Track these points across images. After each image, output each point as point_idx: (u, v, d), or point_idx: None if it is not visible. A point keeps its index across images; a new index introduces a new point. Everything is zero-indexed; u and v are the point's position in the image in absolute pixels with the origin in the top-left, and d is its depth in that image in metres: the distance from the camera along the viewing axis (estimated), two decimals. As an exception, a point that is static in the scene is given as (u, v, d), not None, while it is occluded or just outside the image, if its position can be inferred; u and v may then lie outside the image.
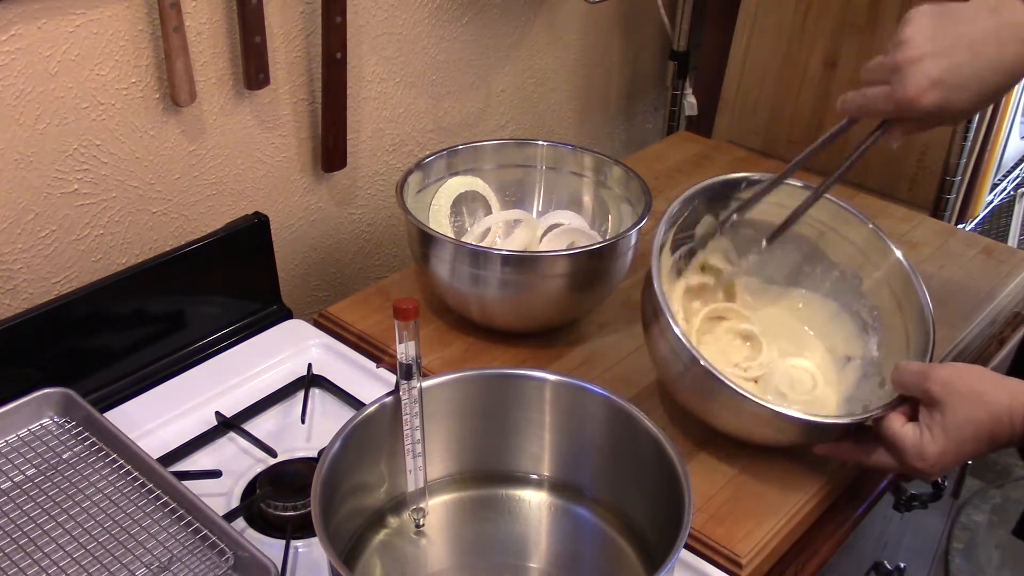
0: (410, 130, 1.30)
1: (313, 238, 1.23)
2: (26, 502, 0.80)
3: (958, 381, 0.78)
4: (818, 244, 1.00)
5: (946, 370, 0.79)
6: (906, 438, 0.80)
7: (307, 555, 0.82)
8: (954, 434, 0.78)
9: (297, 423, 0.96)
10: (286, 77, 1.11)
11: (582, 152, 1.15)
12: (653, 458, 0.77)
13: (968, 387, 0.78)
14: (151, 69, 0.98)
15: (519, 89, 1.44)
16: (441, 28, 1.27)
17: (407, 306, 0.73)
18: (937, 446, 0.79)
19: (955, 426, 0.78)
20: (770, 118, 1.60)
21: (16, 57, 0.88)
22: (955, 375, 0.79)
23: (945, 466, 0.80)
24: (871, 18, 1.45)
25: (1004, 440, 0.76)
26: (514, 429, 0.84)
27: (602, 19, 1.54)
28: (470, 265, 0.98)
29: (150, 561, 0.75)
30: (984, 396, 0.77)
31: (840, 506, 0.93)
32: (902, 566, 1.13)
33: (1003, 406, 0.76)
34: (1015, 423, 0.75)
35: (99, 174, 0.98)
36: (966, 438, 0.77)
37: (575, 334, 1.07)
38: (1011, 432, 0.75)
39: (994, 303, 1.14)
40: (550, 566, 0.81)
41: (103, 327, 0.96)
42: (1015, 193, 1.78)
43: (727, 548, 0.82)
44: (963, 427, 0.77)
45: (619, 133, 1.71)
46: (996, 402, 0.76)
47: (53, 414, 0.87)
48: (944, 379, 0.79)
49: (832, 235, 0.99)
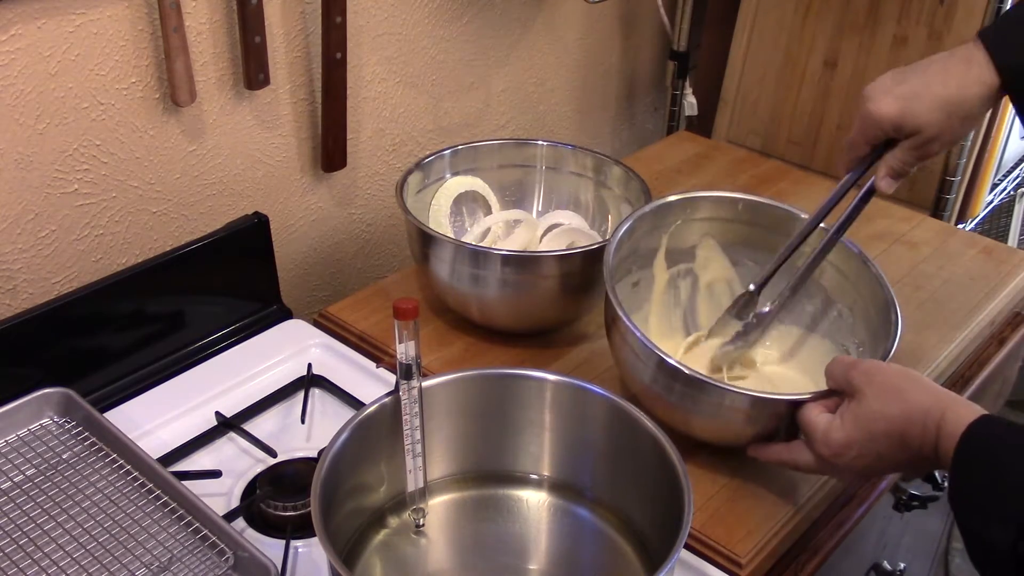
0: (410, 130, 1.30)
1: (313, 238, 1.23)
2: (26, 502, 0.80)
3: (881, 375, 0.76)
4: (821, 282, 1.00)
5: (875, 364, 0.77)
6: (817, 422, 0.78)
7: (307, 555, 0.82)
8: (864, 424, 0.75)
9: (297, 423, 0.96)
10: (286, 77, 1.11)
11: (582, 152, 1.15)
12: (653, 458, 0.77)
13: (890, 382, 0.75)
14: (151, 69, 0.98)
15: (519, 89, 1.44)
16: (441, 28, 1.27)
17: (407, 306, 0.73)
18: (844, 433, 0.76)
19: (867, 417, 0.75)
20: (770, 118, 1.60)
21: (16, 57, 0.88)
22: (881, 369, 0.77)
23: (851, 461, 0.76)
24: (871, 18, 1.45)
25: (915, 444, 0.72)
26: (514, 429, 0.84)
27: (602, 19, 1.54)
28: (470, 265, 0.98)
29: (150, 561, 0.75)
30: (904, 394, 0.74)
31: (840, 506, 0.93)
32: (902, 566, 1.13)
33: (921, 407, 0.72)
34: (928, 427, 0.71)
35: (99, 174, 0.98)
36: (876, 433, 0.74)
37: (575, 334, 1.07)
38: (922, 436, 0.71)
39: (994, 303, 1.14)
40: (550, 566, 0.81)
41: (103, 327, 0.96)
42: (1015, 193, 1.78)
43: (727, 548, 0.82)
44: (875, 420, 0.74)
45: (619, 133, 1.71)
46: (915, 402, 0.73)
47: (53, 414, 0.87)
48: (868, 370, 0.77)
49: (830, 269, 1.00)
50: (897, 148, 0.88)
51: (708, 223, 1.02)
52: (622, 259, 0.98)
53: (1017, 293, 1.18)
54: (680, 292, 1.04)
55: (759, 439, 0.86)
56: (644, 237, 1.00)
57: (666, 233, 1.01)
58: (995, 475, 0.65)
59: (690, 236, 1.03)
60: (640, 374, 0.88)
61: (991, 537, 0.63)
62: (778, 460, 0.84)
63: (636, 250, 1.00)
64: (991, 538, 0.63)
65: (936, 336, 1.07)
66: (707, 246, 1.03)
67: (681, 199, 1.00)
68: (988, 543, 0.63)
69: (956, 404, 0.71)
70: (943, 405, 0.71)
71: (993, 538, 0.63)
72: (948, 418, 0.70)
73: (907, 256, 1.21)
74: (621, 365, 0.92)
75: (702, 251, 1.03)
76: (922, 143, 0.87)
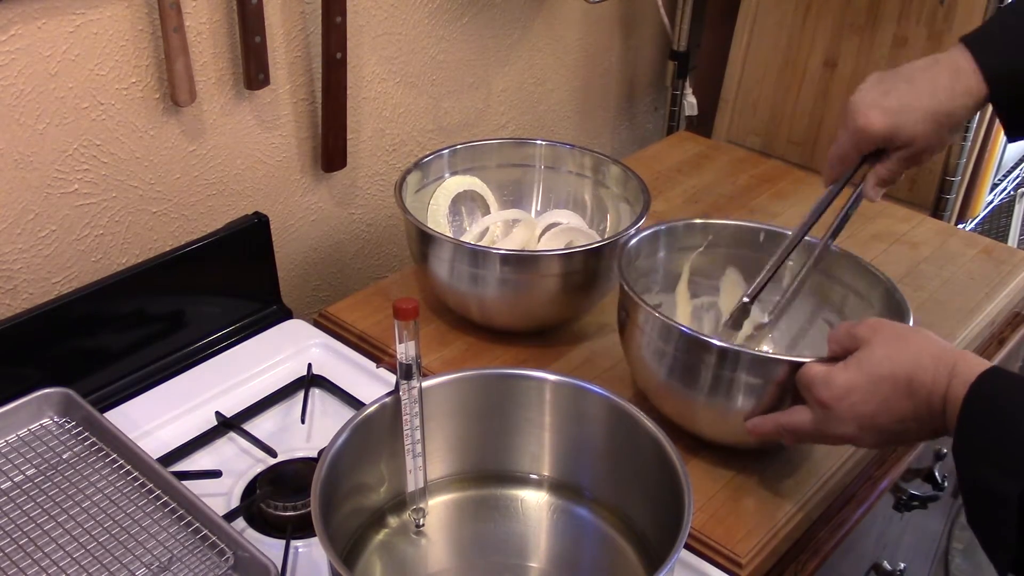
0: (410, 130, 1.30)
1: (313, 238, 1.23)
2: (26, 502, 0.80)
3: (889, 326, 0.75)
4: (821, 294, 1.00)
5: (880, 319, 0.76)
6: (818, 370, 0.76)
7: (307, 555, 0.82)
8: (868, 368, 0.73)
9: (297, 423, 0.96)
10: (286, 77, 1.11)
11: (580, 152, 1.15)
12: (653, 458, 0.77)
13: (898, 331, 0.74)
14: (151, 69, 0.98)
15: (519, 89, 1.44)
16: (441, 28, 1.27)
17: (407, 306, 0.73)
18: (848, 375, 0.74)
19: (872, 360, 0.73)
20: (770, 118, 1.60)
21: (16, 57, 0.88)
22: (888, 322, 0.75)
23: (852, 406, 0.74)
24: (871, 18, 1.45)
25: (923, 391, 0.70)
26: (514, 429, 0.84)
27: (602, 19, 1.54)
28: (469, 264, 0.98)
29: (150, 561, 0.75)
30: (912, 341, 0.72)
31: (840, 506, 0.93)
32: (902, 566, 1.13)
33: (931, 353, 0.71)
34: (939, 372, 0.69)
35: (99, 174, 0.98)
36: (882, 375, 0.72)
37: (575, 334, 1.07)
38: (933, 381, 0.69)
39: (994, 303, 1.14)
40: (550, 566, 0.81)
41: (103, 327, 0.96)
42: (1015, 193, 1.78)
43: (727, 548, 0.82)
44: (881, 362, 0.72)
45: (619, 133, 1.71)
46: (925, 348, 0.71)
47: (53, 414, 0.87)
48: (873, 323, 0.76)
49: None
50: (888, 160, 0.89)
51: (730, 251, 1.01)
52: (641, 274, 0.98)
53: (1017, 293, 1.18)
54: (703, 325, 1.02)
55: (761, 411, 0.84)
56: (665, 255, 1.00)
57: (688, 260, 1.01)
58: (1007, 424, 0.64)
59: (714, 268, 1.02)
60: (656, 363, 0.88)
61: (998, 488, 0.62)
62: (775, 426, 0.81)
63: (655, 268, 1.00)
64: (998, 489, 0.62)
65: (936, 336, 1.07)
66: (731, 280, 1.02)
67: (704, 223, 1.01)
68: (995, 494, 0.62)
69: (967, 354, 0.70)
70: (955, 354, 0.70)
71: (1001, 489, 0.62)
72: (960, 366, 0.69)
73: (907, 256, 1.21)
74: (635, 361, 0.92)
75: (726, 284, 1.02)
76: (913, 154, 0.88)
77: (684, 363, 0.85)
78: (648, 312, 0.86)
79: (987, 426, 0.65)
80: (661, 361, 0.87)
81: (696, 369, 0.85)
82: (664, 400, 0.90)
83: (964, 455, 0.66)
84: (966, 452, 0.66)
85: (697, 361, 0.84)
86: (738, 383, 0.83)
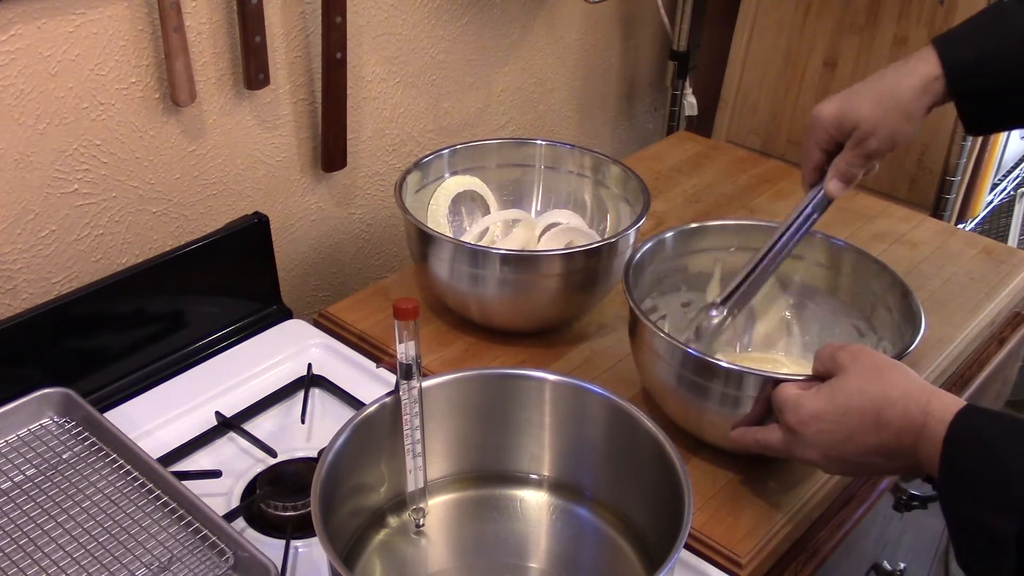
0: (410, 130, 1.30)
1: (313, 238, 1.23)
2: (26, 502, 0.80)
3: (868, 356, 0.75)
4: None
5: (863, 347, 0.76)
6: (790, 393, 0.77)
7: (307, 555, 0.82)
8: (839, 398, 0.73)
9: (297, 423, 0.96)
10: (286, 77, 1.11)
11: (580, 151, 1.15)
12: (653, 458, 0.77)
13: (876, 363, 0.74)
14: (151, 69, 0.98)
15: (519, 89, 1.44)
16: (441, 28, 1.27)
17: (407, 306, 0.73)
18: (818, 402, 0.74)
19: (844, 390, 0.73)
20: (770, 118, 1.60)
21: (16, 57, 0.88)
22: (869, 352, 0.75)
23: (816, 434, 0.74)
24: (871, 18, 1.45)
25: (892, 428, 0.69)
26: (514, 429, 0.84)
27: (602, 19, 1.54)
28: (469, 264, 0.98)
29: (150, 561, 0.75)
30: (888, 376, 0.72)
31: (840, 506, 0.93)
32: (902, 566, 1.13)
33: (903, 391, 0.70)
34: (911, 412, 0.68)
35: (99, 174, 0.98)
36: (851, 408, 0.72)
37: (575, 334, 1.07)
38: (903, 420, 0.68)
39: (994, 303, 1.14)
40: (550, 566, 0.81)
41: (103, 327, 0.96)
42: (1015, 193, 1.78)
43: (727, 548, 0.82)
44: (852, 395, 0.72)
45: (619, 133, 1.71)
46: (898, 384, 0.71)
47: (53, 414, 0.87)
48: (855, 351, 0.75)
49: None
50: (843, 150, 0.89)
51: None
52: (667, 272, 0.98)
53: (1017, 293, 1.18)
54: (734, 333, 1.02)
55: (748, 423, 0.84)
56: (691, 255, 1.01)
57: (720, 261, 1.01)
58: (994, 462, 0.62)
59: None
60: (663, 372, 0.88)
61: (995, 527, 0.60)
62: (751, 440, 0.82)
63: (685, 267, 1.01)
64: (995, 528, 0.60)
65: (936, 336, 1.07)
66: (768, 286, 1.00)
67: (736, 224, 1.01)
68: (988, 533, 0.61)
69: (941, 393, 0.69)
70: (928, 392, 0.69)
71: (995, 527, 0.60)
72: (934, 404, 0.68)
73: (907, 256, 1.21)
74: (644, 368, 0.93)
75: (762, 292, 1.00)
76: (861, 139, 0.88)
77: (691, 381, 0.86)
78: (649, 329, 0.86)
79: (974, 465, 0.64)
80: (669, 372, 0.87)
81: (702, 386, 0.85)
82: (668, 404, 0.90)
83: (952, 496, 0.65)
84: (954, 493, 0.65)
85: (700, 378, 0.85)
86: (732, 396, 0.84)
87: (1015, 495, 0.61)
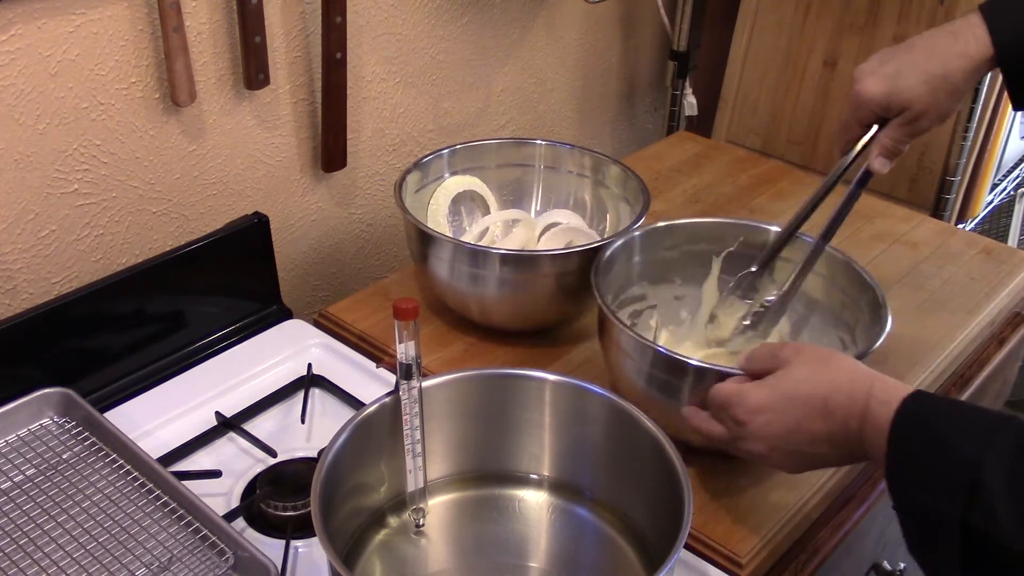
0: (410, 130, 1.30)
1: (313, 238, 1.23)
2: (26, 502, 0.80)
3: (811, 348, 0.74)
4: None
5: (805, 343, 0.76)
6: (732, 387, 0.76)
7: (307, 555, 0.82)
8: (785, 389, 0.72)
9: (297, 423, 0.96)
10: (286, 77, 1.11)
11: (580, 151, 1.15)
12: (653, 458, 0.77)
13: (819, 355, 0.73)
14: (151, 69, 0.98)
15: (519, 89, 1.44)
16: (441, 28, 1.27)
17: (407, 306, 0.73)
18: (762, 393, 0.73)
19: (789, 380, 0.72)
20: (770, 118, 1.60)
21: (16, 57, 0.88)
22: (811, 345, 0.74)
23: (762, 426, 0.73)
24: (871, 18, 1.45)
25: (839, 413, 0.68)
26: (514, 429, 0.84)
27: (602, 19, 1.54)
28: (469, 264, 0.98)
29: (150, 561, 0.75)
30: (832, 363, 0.71)
31: (840, 506, 0.93)
32: (902, 566, 1.13)
33: (848, 375, 0.69)
34: (855, 396, 0.67)
35: (99, 174, 0.98)
36: (797, 396, 0.71)
37: (575, 334, 1.07)
38: (848, 404, 0.68)
39: (994, 303, 1.14)
40: (550, 566, 0.81)
41: (103, 327, 0.96)
42: (1015, 193, 1.78)
43: (727, 548, 0.82)
44: (798, 382, 0.72)
45: (619, 133, 1.71)
46: (843, 369, 0.70)
47: (53, 414, 0.87)
48: (799, 346, 0.75)
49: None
50: (888, 127, 0.89)
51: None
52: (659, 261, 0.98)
53: (1017, 293, 1.18)
54: None
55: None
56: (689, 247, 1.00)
57: (719, 256, 1.00)
58: (938, 446, 0.62)
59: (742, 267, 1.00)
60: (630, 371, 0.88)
61: (937, 510, 0.60)
62: (698, 426, 0.81)
63: (679, 259, 1.00)
64: (937, 511, 0.60)
65: (936, 336, 1.07)
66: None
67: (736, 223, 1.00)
68: (933, 517, 0.60)
69: (885, 378, 0.69)
70: (871, 376, 0.69)
71: (939, 510, 0.60)
72: (878, 388, 0.67)
73: (907, 256, 1.21)
74: (615, 368, 0.92)
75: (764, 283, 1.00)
76: (911, 119, 0.87)
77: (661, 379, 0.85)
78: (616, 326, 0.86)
79: (921, 448, 0.63)
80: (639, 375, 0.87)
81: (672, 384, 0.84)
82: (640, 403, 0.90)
83: (898, 480, 0.64)
84: (900, 476, 0.64)
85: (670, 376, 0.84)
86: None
87: (960, 478, 0.60)
